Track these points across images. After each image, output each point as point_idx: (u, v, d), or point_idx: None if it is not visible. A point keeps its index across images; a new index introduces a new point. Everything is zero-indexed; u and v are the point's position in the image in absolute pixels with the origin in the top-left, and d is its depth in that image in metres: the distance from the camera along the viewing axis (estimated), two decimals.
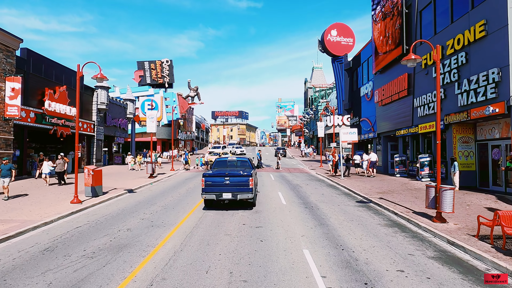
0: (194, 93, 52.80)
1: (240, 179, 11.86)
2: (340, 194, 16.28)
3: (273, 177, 23.98)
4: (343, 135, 22.36)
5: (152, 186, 19.53)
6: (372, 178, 22.04)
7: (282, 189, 17.97)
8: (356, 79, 33.73)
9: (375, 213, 12.00)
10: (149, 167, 22.51)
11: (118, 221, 10.57)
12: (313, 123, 65.00)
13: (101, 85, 28.59)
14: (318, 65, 74.53)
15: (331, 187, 19.14)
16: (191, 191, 17.39)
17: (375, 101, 27.24)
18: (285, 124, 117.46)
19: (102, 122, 29.63)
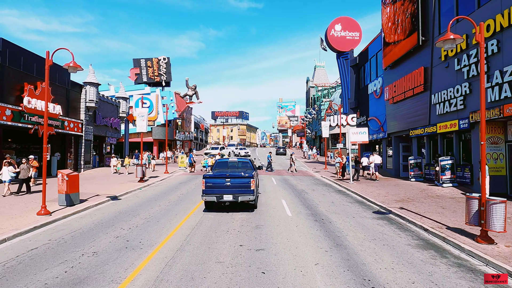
0: (192, 91, 50.81)
1: (241, 181, 11.53)
2: (353, 203, 14.24)
3: (275, 181, 21.96)
4: (352, 136, 20.34)
5: (141, 192, 17.52)
6: (385, 183, 20.00)
7: (286, 195, 15.94)
8: (363, 76, 31.71)
9: (399, 228, 9.96)
10: (138, 170, 20.49)
11: (86, 240, 8.56)
12: (315, 123, 62.96)
13: (90, 81, 26.66)
14: (320, 64, 72.48)
15: (340, 193, 17.11)
16: (183, 197, 15.38)
17: (385, 98, 25.21)
18: (286, 124, 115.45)
19: (91, 121, 27.63)
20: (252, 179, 11.55)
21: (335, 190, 18.03)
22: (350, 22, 35.15)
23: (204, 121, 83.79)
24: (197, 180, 22.46)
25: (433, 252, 7.77)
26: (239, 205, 12.62)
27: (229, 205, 12.55)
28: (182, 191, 17.67)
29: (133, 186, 18.86)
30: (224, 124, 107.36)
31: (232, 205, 12.60)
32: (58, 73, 23.34)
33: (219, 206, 12.61)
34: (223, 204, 12.42)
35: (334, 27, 35.32)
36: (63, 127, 23.40)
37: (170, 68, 52.16)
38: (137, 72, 51.31)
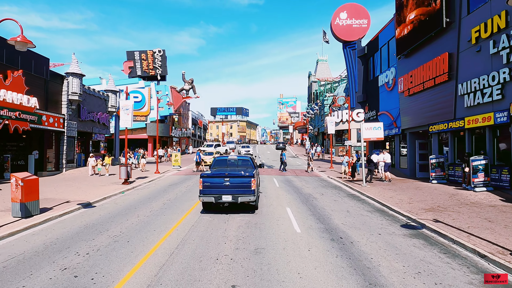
0: (189, 86, 48.28)
1: (241, 180, 10.85)
2: (373, 212, 11.81)
3: (278, 183, 19.53)
4: (365, 132, 17.88)
5: (122, 197, 15.09)
6: (403, 186, 17.57)
7: (291, 202, 13.52)
8: (373, 66, 29.20)
9: (445, 252, 7.54)
10: (122, 171, 18.05)
11: (19, 275, 6.15)
12: (318, 119, 60.49)
13: (73, 71, 24.17)
14: (323, 58, 69.82)
15: (354, 198, 14.67)
16: (168, 205, 12.95)
17: (399, 90, 22.73)
18: (287, 121, 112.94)
19: (75, 116, 25.16)
20: (252, 179, 10.77)
21: (347, 195, 15.60)
22: (357, 9, 32.65)
23: (202, 117, 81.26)
24: (189, 182, 20.05)
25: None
26: (239, 207, 11.75)
27: (229, 206, 11.58)
28: (169, 195, 15.24)
29: (114, 190, 16.44)
30: (223, 120, 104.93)
31: (231, 206, 11.65)
32: (34, 62, 20.87)
33: (217, 208, 11.74)
34: (221, 206, 11.55)
35: (339, 15, 32.80)
36: (41, 122, 20.93)
37: (165, 61, 49.58)
38: (131, 65, 48.72)
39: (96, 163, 22.18)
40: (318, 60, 69.97)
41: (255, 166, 13.19)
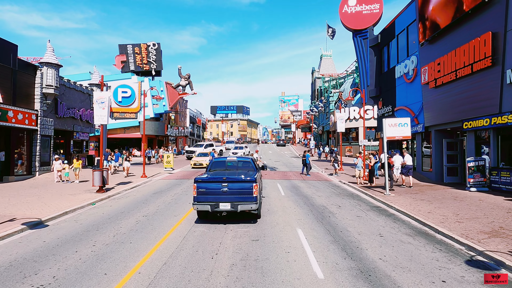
0: (186, 81, 45.23)
1: (241, 186, 9.52)
2: (414, 236, 8.74)
3: (283, 190, 16.48)
4: (389, 129, 14.79)
5: (89, 210, 12.07)
6: (436, 194, 14.50)
7: (303, 219, 10.47)
8: (388, 57, 26.07)
9: None
10: (96, 177, 15.01)
11: None
12: (322, 117, 57.39)
13: (48, 61, 21.15)
14: (327, 53, 66.54)
15: (381, 212, 11.60)
16: (143, 223, 9.92)
17: (422, 81, 19.64)
18: (289, 119, 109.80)
19: (51, 112, 22.14)
20: (255, 184, 9.50)
21: (370, 207, 12.52)
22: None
23: (201, 115, 78.14)
24: (179, 188, 17.03)
25: None
26: (238, 216, 10.38)
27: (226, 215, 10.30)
28: (149, 208, 12.20)
29: (84, 200, 13.42)
30: (223, 119, 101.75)
31: (229, 215, 10.35)
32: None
33: (214, 217, 10.39)
34: (218, 215, 10.26)
35: (347, 2, 29.52)
36: (6, 119, 17.94)
37: (160, 55, 46.52)
38: (124, 59, 45.65)
39: (62, 167, 18.85)
40: (322, 55, 66.77)
41: (257, 169, 11.61)
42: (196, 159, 29.17)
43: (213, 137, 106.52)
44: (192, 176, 22.34)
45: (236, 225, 9.65)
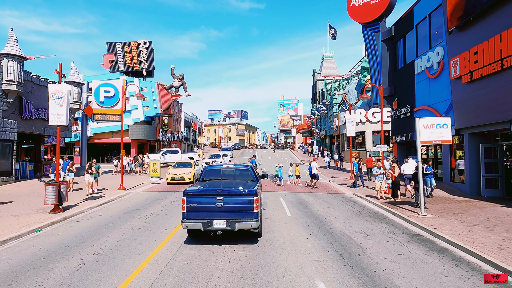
0: (179, 82, 42.08)
1: (239, 200, 7.97)
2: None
3: (287, 208, 13.22)
4: (424, 131, 11.61)
5: (23, 244, 8.78)
6: (484, 214, 11.27)
7: (322, 262, 7.21)
8: (404, 51, 23.01)
9: None
10: (48, 193, 11.70)
11: None
12: (325, 120, 54.27)
13: (9, 52, 17.93)
14: (329, 54, 63.47)
15: (429, 247, 8.33)
16: (95, 263, 6.63)
17: (451, 76, 16.54)
18: (288, 124, 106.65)
19: (13, 113, 18.88)
20: (255, 197, 7.98)
21: (409, 236, 9.26)
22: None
23: (197, 119, 74.82)
24: (160, 204, 13.77)
25: None
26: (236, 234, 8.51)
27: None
28: (109, 238, 8.91)
29: (27, 225, 10.14)
30: (220, 123, 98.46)
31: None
32: None
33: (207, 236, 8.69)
34: (212, 234, 8.63)
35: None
36: None
37: (152, 54, 43.36)
38: (112, 58, 42.53)
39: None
40: (324, 57, 63.77)
41: (257, 178, 10.09)
42: (173, 172, 21.00)
43: (210, 142, 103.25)
44: (180, 188, 19.08)
45: (231, 251, 6.40)
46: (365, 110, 38.82)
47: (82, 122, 26.35)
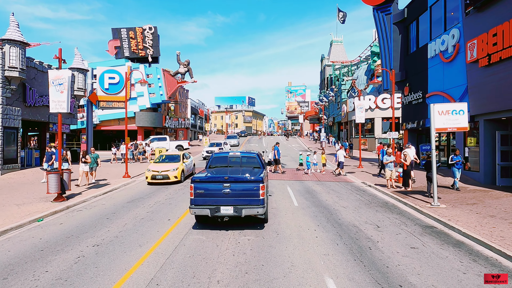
0: (185, 68, 41.50)
1: (246, 186, 8.17)
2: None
3: (294, 197, 12.86)
4: (439, 118, 11.01)
5: (23, 234, 8.59)
6: (499, 204, 10.75)
7: (331, 256, 6.85)
8: (417, 34, 22.09)
9: None
10: (51, 182, 11.49)
11: None
12: (333, 107, 53.40)
13: (11, 38, 17.58)
14: (337, 39, 61.89)
15: (444, 239, 7.90)
16: (95, 255, 6.39)
17: (468, 59, 15.75)
18: (295, 110, 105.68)
19: (17, 100, 18.67)
20: (261, 184, 8.17)
21: (422, 228, 8.84)
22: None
23: (203, 106, 74.35)
24: (164, 192, 13.51)
25: None
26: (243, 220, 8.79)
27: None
28: (111, 229, 8.67)
29: (29, 214, 9.97)
30: (227, 110, 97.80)
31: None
32: None
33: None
34: (219, 220, 8.82)
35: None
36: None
37: (158, 40, 42.72)
38: (117, 44, 42.03)
39: None
40: (332, 41, 62.27)
41: (263, 165, 10.31)
42: (155, 168, 15.95)
43: (217, 129, 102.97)
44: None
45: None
46: (375, 96, 37.87)
47: (87, 109, 26.12)
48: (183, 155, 17.98)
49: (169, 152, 18.91)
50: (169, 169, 15.90)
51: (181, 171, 16.36)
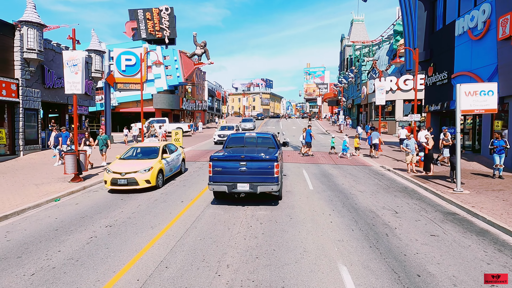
0: (201, 50, 41.08)
1: (261, 165, 8.63)
2: None
3: (310, 180, 12.58)
4: (466, 99, 10.34)
5: (39, 214, 8.74)
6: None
7: (345, 242, 6.62)
8: (443, 10, 20.82)
9: None
10: (68, 162, 11.67)
11: None
12: (352, 89, 52.03)
13: (28, 19, 17.69)
14: (359, 18, 59.51)
15: (467, 227, 7.49)
16: (107, 236, 6.42)
17: (499, 36, 14.71)
18: (314, 93, 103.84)
19: (36, 82, 18.96)
20: (276, 163, 8.62)
21: (443, 215, 8.43)
22: None
23: (220, 88, 74.05)
24: (182, 174, 13.50)
25: None
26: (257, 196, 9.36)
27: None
28: (124, 210, 8.72)
29: (46, 194, 10.17)
30: (244, 92, 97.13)
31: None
32: None
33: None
34: (236, 196, 9.59)
35: None
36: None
37: (174, 21, 42.33)
38: (134, 26, 41.95)
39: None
40: (353, 20, 60.04)
41: (278, 146, 10.83)
42: (117, 169, 11.07)
43: (234, 111, 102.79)
44: (201, 157, 18.87)
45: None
46: (396, 78, 36.51)
47: (105, 91, 26.38)
48: (164, 148, 12.72)
49: (144, 143, 13.93)
50: (138, 169, 10.84)
51: (157, 172, 11.19)
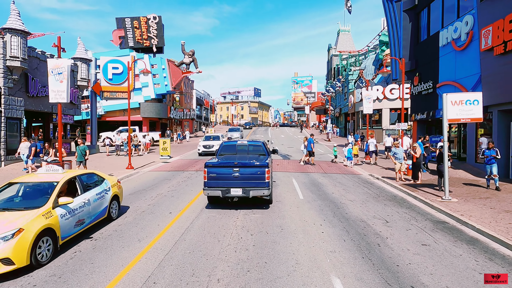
0: (190, 58, 40.98)
1: (253, 171, 9.24)
2: None
3: (300, 190, 12.51)
4: (451, 108, 10.51)
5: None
6: (506, 197, 10.31)
7: (337, 253, 6.53)
8: (428, 21, 21.34)
9: None
10: None
11: None
12: (340, 98, 52.63)
13: (12, 27, 17.30)
14: (345, 28, 60.61)
15: (457, 236, 7.52)
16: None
17: (482, 47, 15.11)
18: (301, 101, 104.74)
19: (19, 90, 18.47)
20: (267, 169, 9.23)
21: (433, 223, 8.45)
22: None
23: (209, 97, 73.89)
24: (168, 184, 13.26)
25: None
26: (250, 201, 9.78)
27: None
28: (113, 222, 8.43)
29: None
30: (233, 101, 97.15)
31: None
32: None
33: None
34: (229, 200, 9.90)
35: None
36: None
37: (162, 30, 42.19)
38: (122, 34, 41.58)
39: None
40: (340, 31, 61.08)
41: (268, 153, 11.46)
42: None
43: (222, 120, 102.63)
44: (189, 167, 18.61)
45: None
46: (383, 87, 37.14)
47: (91, 100, 25.92)
48: (68, 184, 7.46)
49: (34, 178, 7.69)
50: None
51: (32, 238, 5.69)
